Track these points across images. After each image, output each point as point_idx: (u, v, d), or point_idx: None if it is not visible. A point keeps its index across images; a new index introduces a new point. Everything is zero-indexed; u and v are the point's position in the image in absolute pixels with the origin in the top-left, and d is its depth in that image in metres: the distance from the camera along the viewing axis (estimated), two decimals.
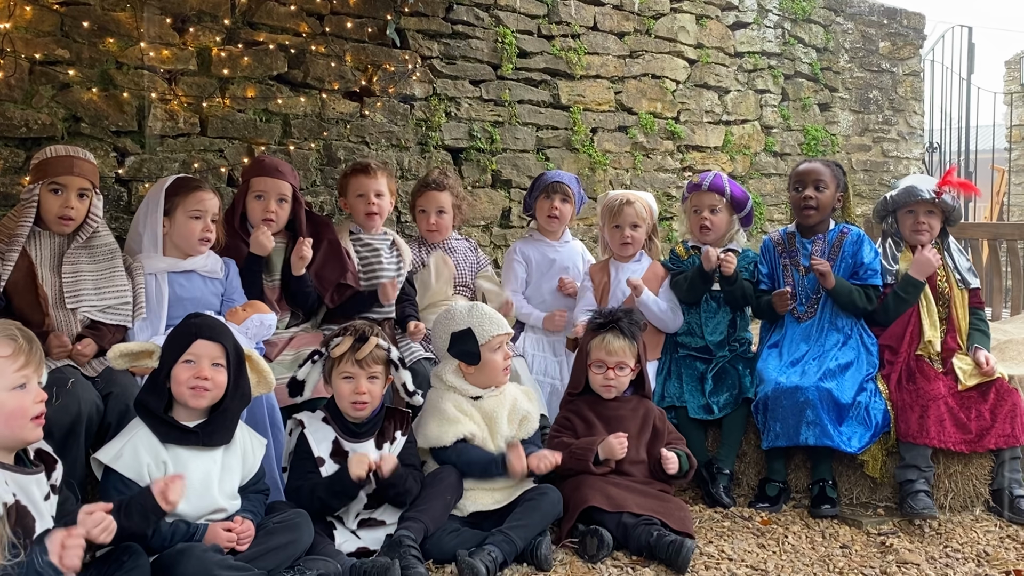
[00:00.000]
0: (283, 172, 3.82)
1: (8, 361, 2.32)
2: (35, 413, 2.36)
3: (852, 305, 3.91)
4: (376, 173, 4.06)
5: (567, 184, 4.35)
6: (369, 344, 3.15)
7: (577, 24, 6.06)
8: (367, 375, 3.15)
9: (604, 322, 3.60)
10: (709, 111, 6.97)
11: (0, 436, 2.33)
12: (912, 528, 3.57)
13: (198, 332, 2.80)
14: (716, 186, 4.15)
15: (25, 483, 2.35)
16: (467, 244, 4.45)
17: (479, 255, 4.47)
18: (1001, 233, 7.40)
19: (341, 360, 3.14)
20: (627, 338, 3.55)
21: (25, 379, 2.35)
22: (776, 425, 3.72)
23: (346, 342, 3.15)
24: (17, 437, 2.36)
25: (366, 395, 3.14)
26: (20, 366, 2.33)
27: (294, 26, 4.76)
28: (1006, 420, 3.68)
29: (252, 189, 3.81)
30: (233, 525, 2.72)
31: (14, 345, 2.34)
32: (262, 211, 3.78)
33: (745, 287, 4.05)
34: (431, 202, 4.28)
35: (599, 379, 3.56)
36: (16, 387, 2.33)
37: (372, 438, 3.21)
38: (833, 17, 8.01)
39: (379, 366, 3.18)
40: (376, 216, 4.05)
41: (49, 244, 3.30)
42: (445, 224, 4.30)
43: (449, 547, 3.04)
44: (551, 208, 4.35)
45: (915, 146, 8.82)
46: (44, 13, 3.99)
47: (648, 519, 3.22)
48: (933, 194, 3.94)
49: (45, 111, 4.00)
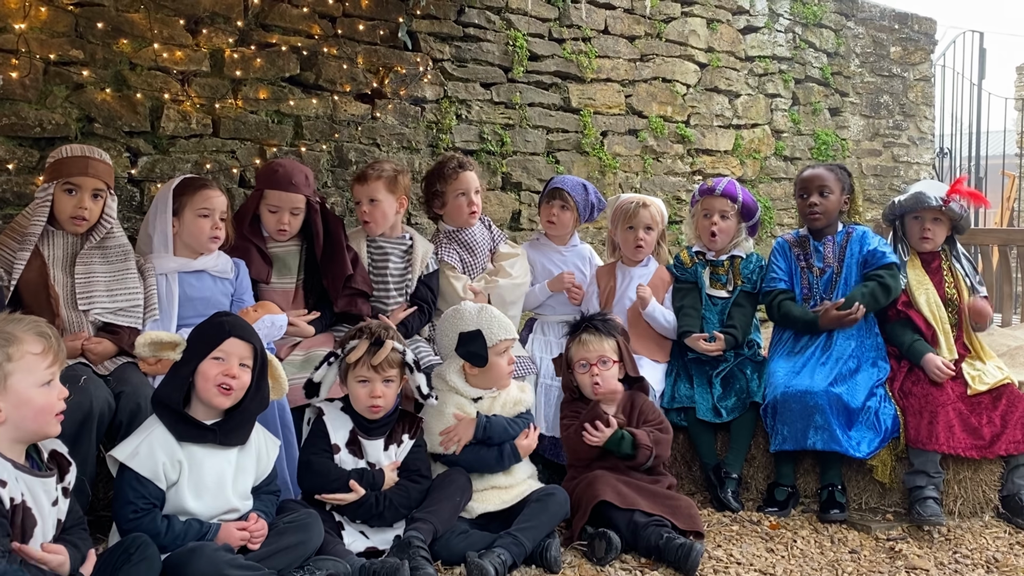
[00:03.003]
0: (297, 184, 3.77)
1: (40, 358, 2.36)
2: (59, 409, 2.42)
3: (877, 306, 3.92)
4: (370, 180, 4.01)
5: (567, 191, 4.29)
6: (385, 349, 3.15)
7: (588, 27, 6.07)
8: (382, 379, 3.16)
9: (578, 324, 3.68)
10: (719, 115, 6.97)
11: (26, 430, 2.37)
12: (921, 534, 3.56)
13: (231, 330, 2.81)
14: (729, 192, 4.15)
15: (33, 485, 2.36)
16: (481, 226, 4.37)
17: (493, 232, 4.40)
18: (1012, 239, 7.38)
19: (357, 364, 3.15)
20: (602, 334, 3.60)
21: (52, 376, 2.40)
22: (784, 429, 3.72)
23: (362, 346, 3.15)
24: (41, 432, 2.40)
25: (381, 399, 3.15)
26: (50, 363, 2.38)
27: (306, 28, 4.77)
28: (1016, 426, 3.67)
29: (266, 200, 3.79)
30: (247, 524, 2.74)
31: (45, 343, 2.38)
32: (276, 223, 3.79)
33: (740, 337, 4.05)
34: (468, 183, 4.21)
35: (586, 379, 3.59)
36: (45, 384, 2.37)
37: (383, 437, 3.22)
38: (844, 22, 8.00)
39: (394, 369, 3.19)
40: (370, 223, 4.04)
41: (62, 244, 3.31)
42: (480, 204, 4.27)
43: (458, 548, 3.05)
44: (549, 214, 4.35)
45: (925, 151, 8.80)
46: (59, 14, 4.01)
47: (659, 520, 3.23)
48: (940, 202, 3.94)
49: (59, 111, 4.02)
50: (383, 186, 4.02)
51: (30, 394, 2.34)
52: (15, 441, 2.36)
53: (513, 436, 3.41)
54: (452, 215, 4.22)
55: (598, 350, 3.58)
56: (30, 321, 2.42)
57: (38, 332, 2.38)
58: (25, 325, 2.39)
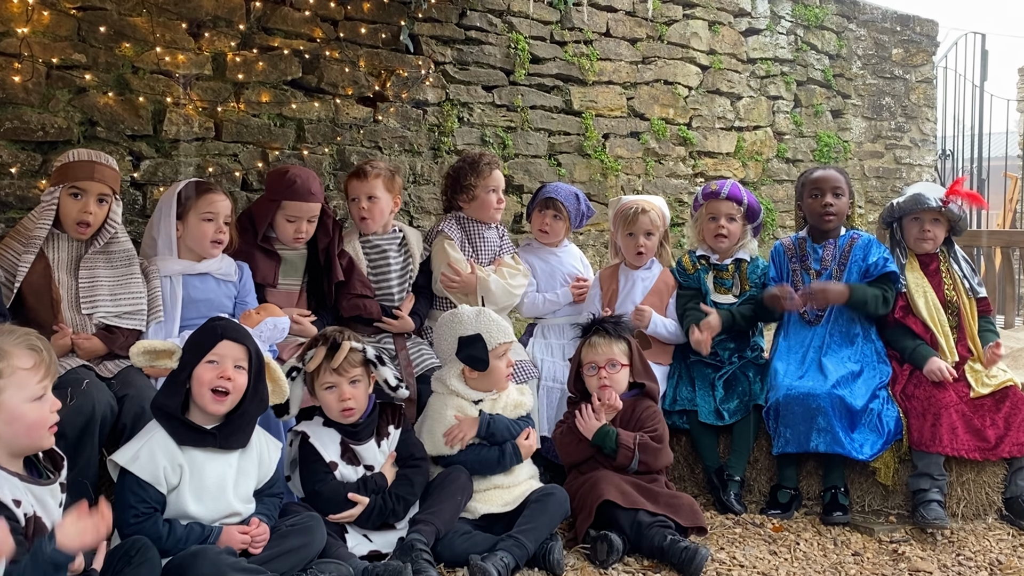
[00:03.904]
0: (316, 194, 3.78)
1: (31, 373, 2.33)
2: (52, 422, 2.39)
3: (868, 312, 3.92)
4: (369, 177, 4.01)
5: (561, 201, 4.30)
6: (343, 350, 3.12)
7: (590, 30, 6.07)
8: (348, 380, 3.14)
9: (588, 326, 3.67)
10: (721, 117, 6.97)
11: (19, 445, 2.34)
12: (924, 536, 3.56)
13: (223, 333, 2.81)
14: (734, 195, 4.13)
15: (41, 495, 2.36)
16: (495, 231, 4.38)
17: (503, 239, 4.39)
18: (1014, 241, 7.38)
19: (319, 372, 3.13)
20: (612, 337, 3.59)
21: (44, 389, 2.37)
22: (787, 431, 3.71)
23: (319, 353, 3.13)
24: (35, 446, 2.38)
25: (351, 400, 3.13)
26: (41, 377, 2.35)
27: (308, 31, 4.78)
28: (1020, 428, 3.67)
29: (284, 211, 3.77)
30: (249, 529, 2.74)
31: (36, 357, 2.35)
32: (293, 232, 3.79)
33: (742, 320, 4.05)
34: (499, 181, 4.24)
35: (594, 382, 3.58)
36: (37, 398, 2.34)
37: (373, 438, 3.22)
38: (846, 24, 8.00)
39: (357, 369, 3.16)
40: (367, 221, 4.05)
41: (67, 247, 3.32)
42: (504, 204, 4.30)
43: (460, 550, 3.06)
44: (542, 223, 4.36)
45: (927, 153, 8.80)
46: (61, 18, 4.02)
47: (663, 520, 3.24)
48: (940, 203, 3.94)
49: (61, 115, 4.03)
50: (382, 184, 4.03)
51: (22, 410, 2.31)
52: (11, 455, 2.34)
53: (514, 436, 3.42)
54: (479, 209, 4.22)
55: (607, 353, 3.57)
56: (21, 334, 2.38)
57: (29, 346, 2.35)
58: (16, 338, 2.35)
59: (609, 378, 3.56)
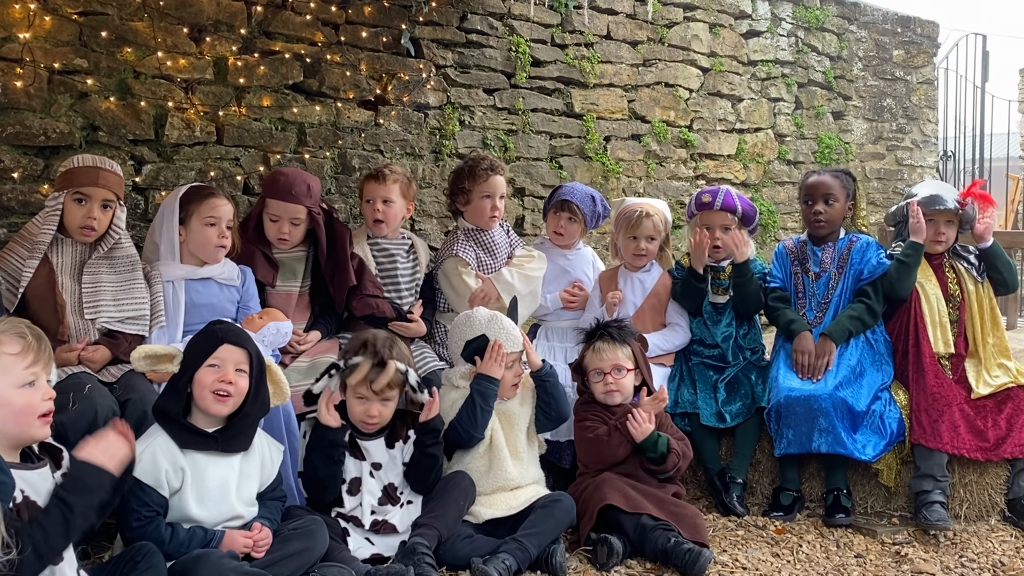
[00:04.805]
0: (297, 195, 3.75)
1: (17, 359, 2.31)
2: (43, 411, 2.35)
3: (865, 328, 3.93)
4: (387, 180, 4.04)
5: (576, 203, 4.30)
6: (387, 372, 3.12)
7: (591, 33, 6.08)
8: (380, 399, 3.15)
9: (593, 332, 3.67)
10: (722, 119, 6.97)
11: (8, 433, 2.31)
12: (927, 538, 3.56)
13: (224, 337, 2.82)
14: (728, 205, 4.08)
15: (30, 478, 2.33)
16: (500, 230, 4.38)
17: (511, 237, 4.41)
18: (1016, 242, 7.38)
19: (356, 378, 3.14)
20: (616, 342, 3.58)
21: (34, 376, 2.33)
22: (789, 432, 3.71)
23: (364, 366, 3.12)
24: (25, 435, 2.35)
25: (377, 417, 3.16)
26: (29, 363, 2.32)
27: (309, 35, 4.79)
28: (1023, 429, 3.67)
29: (268, 209, 3.81)
30: (252, 533, 2.74)
31: (23, 343, 2.33)
32: (276, 232, 3.81)
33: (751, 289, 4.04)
34: (496, 187, 4.21)
35: (600, 387, 3.58)
36: (25, 384, 2.32)
37: (382, 437, 3.22)
38: (847, 25, 8.00)
39: (394, 390, 3.17)
40: (382, 223, 4.06)
41: (71, 252, 3.33)
42: (503, 210, 4.28)
43: (463, 554, 3.05)
44: (557, 225, 4.37)
45: (929, 154, 8.79)
46: (63, 23, 4.03)
47: (666, 524, 3.24)
48: (958, 204, 3.94)
49: (63, 120, 4.04)
50: (399, 189, 4.06)
51: (8, 395, 2.28)
52: (5, 447, 2.31)
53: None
54: (474, 214, 4.23)
55: (612, 359, 3.57)
56: (9, 323, 2.38)
57: (15, 332, 2.33)
58: (3, 326, 2.34)
59: (616, 383, 3.55)
